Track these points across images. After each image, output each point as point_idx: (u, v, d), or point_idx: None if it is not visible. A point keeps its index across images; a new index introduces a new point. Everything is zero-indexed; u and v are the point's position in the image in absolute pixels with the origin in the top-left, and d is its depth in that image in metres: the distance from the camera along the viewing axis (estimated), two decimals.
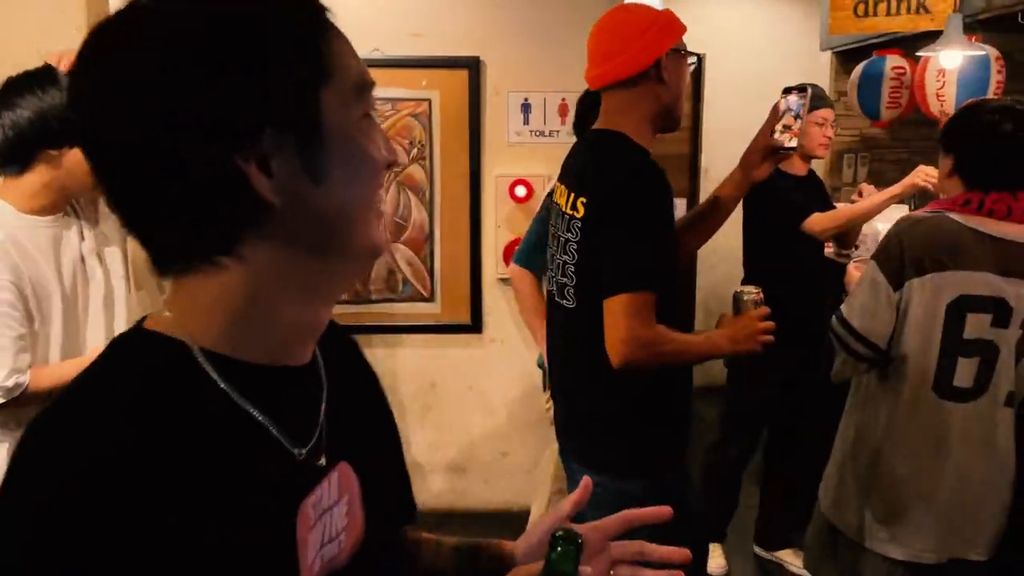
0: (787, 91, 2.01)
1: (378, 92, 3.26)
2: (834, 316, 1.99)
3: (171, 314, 0.69)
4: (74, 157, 1.72)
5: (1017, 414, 1.90)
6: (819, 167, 4.72)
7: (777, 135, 1.95)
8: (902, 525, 1.90)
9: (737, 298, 1.85)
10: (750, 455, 3.32)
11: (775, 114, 1.97)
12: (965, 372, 1.85)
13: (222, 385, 0.67)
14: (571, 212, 1.78)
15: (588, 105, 2.51)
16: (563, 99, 3.58)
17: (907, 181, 2.88)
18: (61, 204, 1.83)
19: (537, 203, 3.13)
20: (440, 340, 3.63)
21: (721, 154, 4.66)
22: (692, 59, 1.87)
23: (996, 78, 3.17)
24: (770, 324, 1.78)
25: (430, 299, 3.60)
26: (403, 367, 3.66)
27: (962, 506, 1.88)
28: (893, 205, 3.02)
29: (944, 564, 1.89)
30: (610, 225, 1.71)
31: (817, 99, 3.02)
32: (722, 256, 4.80)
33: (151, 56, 0.64)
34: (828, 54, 4.66)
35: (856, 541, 1.96)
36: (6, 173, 1.80)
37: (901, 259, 1.86)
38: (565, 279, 1.83)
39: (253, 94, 0.65)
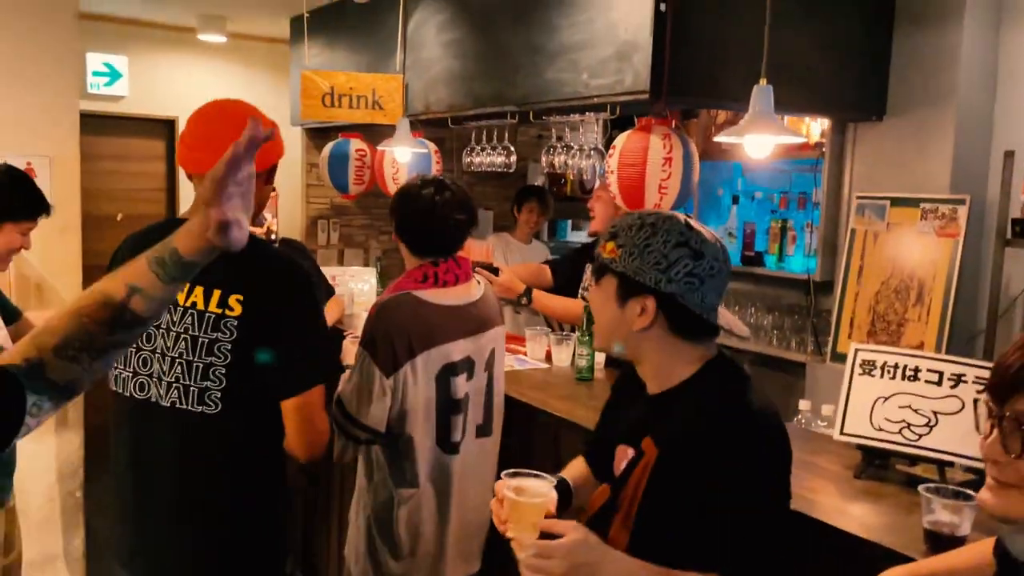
0: None
1: None
2: (334, 403, 2.06)
3: None
4: None
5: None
6: (295, 231, 5.12)
7: None
8: (425, 561, 2.14)
9: None
10: None
11: None
12: (457, 426, 2.13)
13: None
14: (216, 310, 1.63)
15: None
16: (28, 163, 3.33)
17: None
18: None
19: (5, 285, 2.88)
20: None
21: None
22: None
23: (436, 167, 3.92)
24: None
25: None
26: None
27: (467, 528, 2.19)
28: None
29: None
30: (290, 321, 1.65)
31: None
32: None
33: None
34: (299, 128, 5.09)
35: None
36: None
37: (392, 347, 2.01)
38: (206, 382, 1.63)
39: None
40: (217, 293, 1.63)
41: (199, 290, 1.64)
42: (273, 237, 2.31)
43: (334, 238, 5.21)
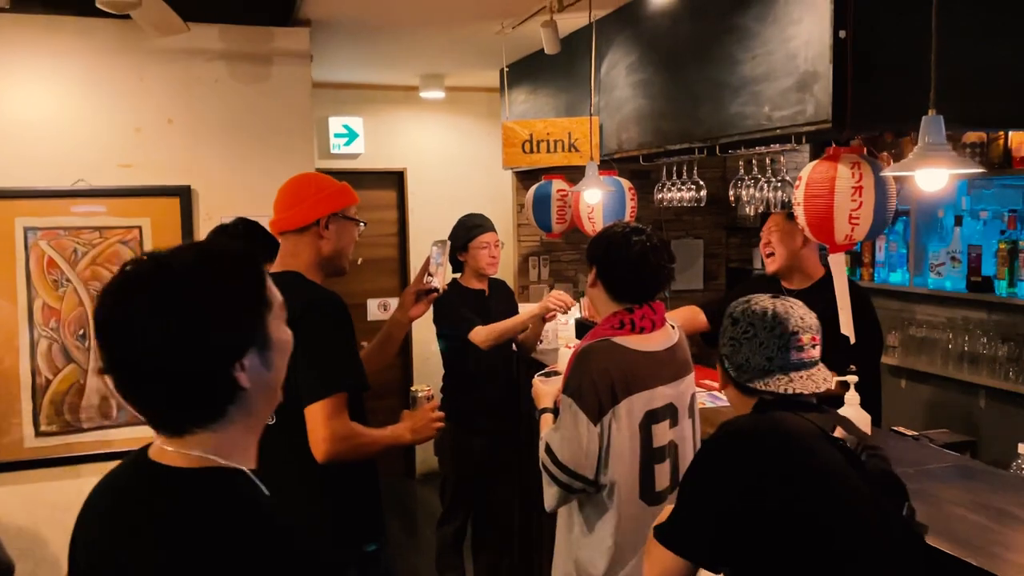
0: (433, 244, 2.53)
1: (85, 221, 3.35)
2: (543, 451, 2.13)
3: (200, 453, 1.05)
4: None
5: None
6: (507, 269, 5.41)
7: (425, 280, 2.45)
8: None
9: (412, 396, 2.24)
10: (464, 529, 3.73)
11: (426, 265, 2.48)
12: (662, 475, 2.13)
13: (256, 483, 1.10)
14: None
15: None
16: None
17: (543, 304, 3.53)
18: None
19: None
20: None
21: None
22: (361, 225, 2.26)
23: (630, 204, 4.00)
24: (440, 413, 2.18)
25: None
26: None
27: None
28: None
29: None
30: (302, 345, 1.98)
31: (476, 228, 3.60)
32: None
33: (198, 319, 1.02)
34: (510, 171, 5.40)
35: None
36: None
37: (596, 396, 2.04)
38: None
39: (246, 333, 1.06)
40: None
41: None
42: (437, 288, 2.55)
43: (544, 274, 5.44)
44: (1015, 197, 3.59)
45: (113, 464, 4.04)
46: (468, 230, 3.59)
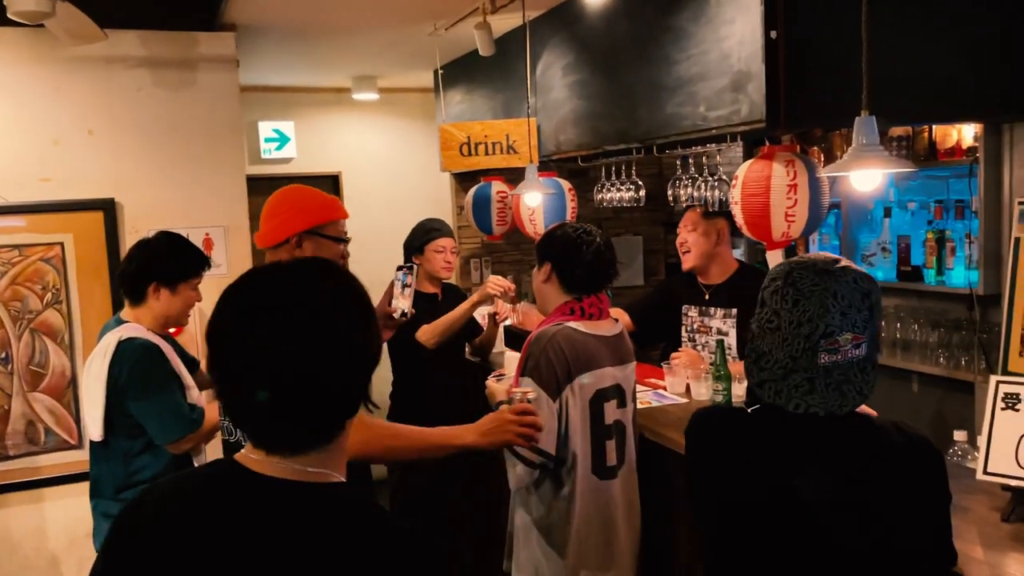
0: (399, 268, 2.50)
1: (3, 239, 3.16)
2: None
3: (315, 468, 1.01)
4: None
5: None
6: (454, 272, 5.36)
7: (392, 305, 2.42)
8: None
9: (510, 398, 2.02)
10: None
11: (391, 289, 2.44)
12: (611, 452, 2.27)
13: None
14: None
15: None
16: (207, 234, 3.74)
17: (482, 290, 3.51)
18: None
19: (189, 338, 3.27)
20: None
21: (370, 259, 4.83)
22: (343, 244, 2.20)
23: (571, 205, 4.00)
24: (529, 419, 1.93)
25: (78, 446, 3.47)
26: (54, 521, 3.46)
27: (620, 557, 2.30)
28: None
29: None
30: None
31: (433, 231, 3.56)
32: None
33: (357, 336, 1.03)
34: (448, 173, 5.35)
35: None
36: None
37: (554, 372, 2.18)
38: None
39: (379, 346, 1.08)
40: None
41: None
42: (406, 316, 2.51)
43: (486, 276, 5.40)
44: (940, 188, 3.71)
45: (45, 491, 3.78)
46: (426, 232, 3.55)
